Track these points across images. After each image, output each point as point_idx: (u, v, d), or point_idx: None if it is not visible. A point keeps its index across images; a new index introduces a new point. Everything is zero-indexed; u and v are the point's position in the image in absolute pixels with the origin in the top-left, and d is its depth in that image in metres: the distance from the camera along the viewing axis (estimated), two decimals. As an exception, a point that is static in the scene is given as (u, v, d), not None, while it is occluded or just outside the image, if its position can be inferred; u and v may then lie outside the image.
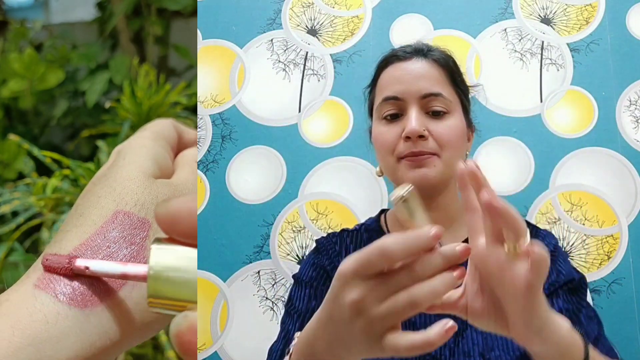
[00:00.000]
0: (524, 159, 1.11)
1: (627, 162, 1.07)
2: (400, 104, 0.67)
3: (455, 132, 0.68)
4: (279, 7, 1.26)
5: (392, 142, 0.67)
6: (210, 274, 1.13)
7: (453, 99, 0.69)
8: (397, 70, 0.70)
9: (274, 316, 1.10)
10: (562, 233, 1.07)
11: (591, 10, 1.16)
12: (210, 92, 1.24)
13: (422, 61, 0.69)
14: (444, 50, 0.73)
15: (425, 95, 0.67)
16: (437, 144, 0.66)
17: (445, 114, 0.67)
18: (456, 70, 0.72)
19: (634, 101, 1.10)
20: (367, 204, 1.13)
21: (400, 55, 0.71)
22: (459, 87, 0.71)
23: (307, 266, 0.74)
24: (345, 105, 1.18)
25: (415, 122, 0.65)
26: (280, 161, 1.17)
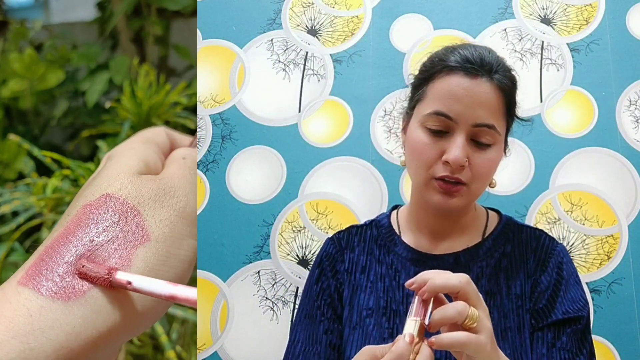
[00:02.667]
0: (524, 159, 1.11)
1: (627, 162, 1.07)
2: (450, 123, 0.64)
3: (494, 165, 0.67)
4: (279, 7, 1.26)
5: (430, 159, 0.65)
6: (210, 274, 1.13)
7: (502, 131, 0.66)
8: (460, 86, 0.64)
9: (274, 316, 1.10)
10: (562, 233, 1.07)
11: (591, 10, 1.16)
12: (210, 92, 1.24)
13: (487, 84, 0.64)
14: (509, 71, 0.68)
15: (478, 125, 0.64)
16: (472, 174, 0.64)
17: (490, 146, 0.65)
18: (513, 100, 0.68)
19: (634, 101, 1.10)
20: (367, 204, 1.13)
21: (467, 68, 0.65)
22: (511, 115, 0.69)
23: (309, 298, 0.74)
24: (345, 105, 1.19)
25: (460, 152, 0.63)
26: (280, 161, 1.17)
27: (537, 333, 0.65)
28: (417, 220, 0.73)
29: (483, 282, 0.67)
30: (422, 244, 0.71)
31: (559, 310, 0.65)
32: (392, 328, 0.67)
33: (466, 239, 0.71)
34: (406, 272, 0.70)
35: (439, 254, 0.70)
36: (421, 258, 0.70)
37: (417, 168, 0.67)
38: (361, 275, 0.72)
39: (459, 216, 0.70)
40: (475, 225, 0.72)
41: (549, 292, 0.66)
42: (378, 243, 0.74)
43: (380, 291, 0.70)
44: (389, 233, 0.74)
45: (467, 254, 0.70)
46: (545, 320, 0.65)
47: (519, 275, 0.68)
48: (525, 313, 0.65)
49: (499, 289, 0.67)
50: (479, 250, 0.70)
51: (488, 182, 0.68)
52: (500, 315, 0.66)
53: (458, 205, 0.65)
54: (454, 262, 0.69)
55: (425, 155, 0.65)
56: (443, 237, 0.71)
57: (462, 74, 0.65)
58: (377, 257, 0.72)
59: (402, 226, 0.74)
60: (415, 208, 0.73)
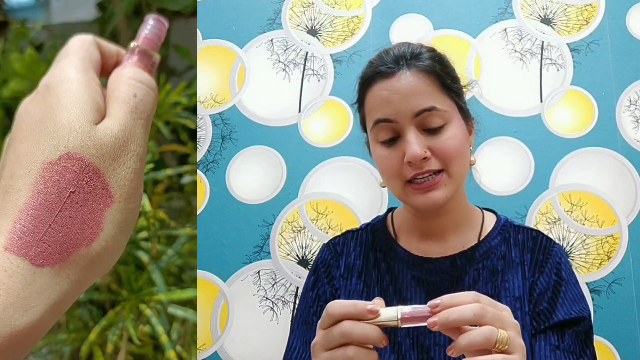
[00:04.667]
0: (524, 159, 1.11)
1: (627, 162, 1.07)
2: (395, 126, 0.64)
3: (457, 142, 0.65)
4: (279, 7, 1.26)
5: (395, 167, 0.64)
6: (210, 274, 1.13)
7: (448, 107, 0.65)
8: (382, 89, 0.65)
9: (274, 316, 1.11)
10: (562, 233, 1.07)
11: (591, 10, 1.16)
12: (210, 92, 1.24)
13: (407, 74, 0.65)
14: (429, 50, 0.68)
15: (418, 113, 0.63)
16: (441, 161, 0.63)
17: (442, 126, 0.64)
18: (444, 74, 0.67)
19: (634, 101, 1.10)
20: (367, 204, 1.13)
21: (384, 70, 0.66)
22: (451, 90, 0.67)
23: (305, 305, 0.73)
24: (345, 105, 1.19)
25: (415, 147, 0.62)
26: (280, 161, 1.17)
27: (539, 335, 0.64)
28: (411, 221, 0.72)
29: (480, 285, 0.67)
30: (419, 248, 0.71)
31: (560, 312, 0.64)
32: (389, 333, 0.66)
33: (462, 241, 0.70)
34: (403, 276, 0.69)
35: (436, 257, 0.69)
36: (418, 262, 0.70)
37: (390, 181, 0.67)
38: (357, 281, 0.71)
39: (449, 208, 0.68)
40: (471, 225, 0.71)
41: (549, 293, 0.66)
42: (374, 248, 0.73)
43: (377, 296, 0.70)
44: (385, 237, 0.73)
45: (464, 256, 0.69)
46: (547, 322, 0.64)
47: (517, 277, 0.67)
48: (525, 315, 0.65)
49: (496, 292, 0.67)
50: (475, 252, 0.69)
51: (463, 161, 0.66)
52: None
53: (443, 195, 0.63)
54: (451, 265, 0.68)
55: (389, 167, 0.65)
56: (439, 238, 0.70)
57: (380, 79, 0.66)
58: (372, 262, 0.72)
59: (398, 229, 0.73)
60: (408, 212, 0.73)
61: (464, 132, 0.67)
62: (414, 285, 0.69)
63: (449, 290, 0.67)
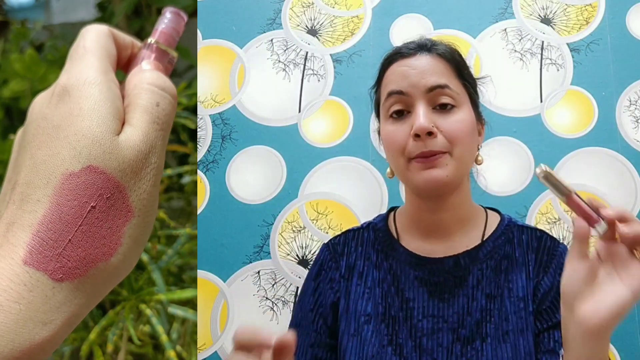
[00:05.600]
0: (524, 159, 1.11)
1: (627, 162, 1.07)
2: (406, 99, 0.65)
3: (465, 126, 0.65)
4: (279, 7, 1.26)
5: (401, 142, 0.65)
6: (210, 274, 1.13)
7: (460, 92, 0.67)
8: (401, 66, 0.68)
9: (274, 316, 1.11)
10: (562, 233, 1.07)
11: (591, 10, 1.16)
12: (210, 92, 1.24)
13: (427, 56, 0.67)
14: (448, 44, 0.71)
15: (431, 89, 0.65)
16: (447, 141, 0.64)
17: (453, 108, 0.65)
18: (462, 63, 0.70)
19: (634, 101, 1.10)
20: (367, 203, 1.13)
21: (404, 51, 0.69)
22: (466, 80, 0.69)
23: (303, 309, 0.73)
24: (345, 105, 1.19)
25: (423, 119, 0.63)
26: (280, 161, 1.17)
27: (543, 334, 0.64)
28: (414, 219, 0.72)
29: (483, 285, 0.67)
30: (421, 247, 0.70)
31: None
32: (391, 335, 0.66)
33: (466, 240, 0.70)
34: (405, 277, 0.69)
35: (439, 257, 0.69)
36: (420, 262, 0.69)
37: (394, 157, 0.67)
38: (358, 281, 0.71)
39: (453, 203, 0.68)
40: (475, 224, 0.71)
41: (552, 293, 0.65)
42: (375, 247, 0.73)
43: (379, 297, 0.69)
44: (387, 237, 0.73)
45: (467, 256, 0.69)
46: (551, 321, 0.64)
47: (521, 277, 0.67)
48: (529, 315, 0.65)
49: (500, 292, 0.66)
50: (479, 252, 0.69)
51: (469, 147, 0.66)
52: (502, 318, 0.65)
53: (444, 174, 0.63)
54: (454, 265, 0.68)
55: (396, 140, 0.66)
56: (442, 237, 0.70)
57: (400, 58, 0.69)
58: (374, 262, 0.71)
59: (400, 229, 0.73)
60: (411, 207, 0.72)
61: (473, 122, 0.68)
62: (417, 286, 0.68)
63: (452, 290, 0.67)
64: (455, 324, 0.65)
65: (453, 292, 0.67)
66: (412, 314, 0.67)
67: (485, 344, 0.63)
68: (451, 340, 0.65)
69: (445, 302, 0.67)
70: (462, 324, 0.65)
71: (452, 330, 0.65)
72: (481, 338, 0.64)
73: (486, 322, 0.65)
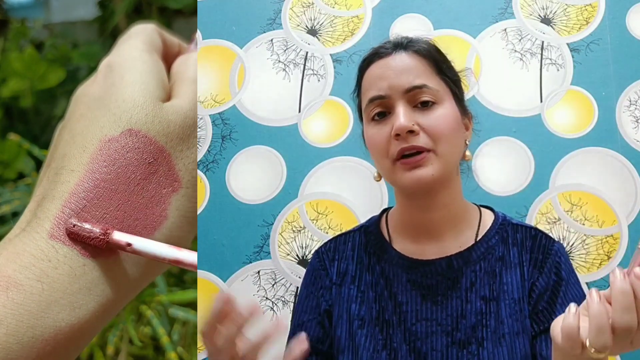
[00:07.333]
0: (524, 159, 1.11)
1: (627, 162, 1.07)
2: (386, 102, 0.65)
3: (447, 121, 0.64)
4: (279, 7, 1.26)
5: (383, 144, 0.64)
6: (210, 274, 1.13)
7: (441, 88, 0.65)
8: (378, 68, 0.67)
9: (274, 316, 1.11)
10: (562, 233, 1.07)
11: (591, 10, 1.16)
12: (210, 92, 1.24)
13: (403, 55, 0.66)
14: (425, 41, 0.70)
15: (409, 89, 0.64)
16: (429, 139, 0.63)
17: (434, 105, 0.64)
18: (441, 59, 0.68)
19: (634, 101, 1.10)
20: (367, 203, 1.13)
21: (381, 51, 0.68)
22: (446, 75, 0.68)
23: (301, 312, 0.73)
24: (345, 105, 1.19)
25: (403, 118, 0.62)
26: (280, 161, 1.17)
27: (540, 336, 0.63)
28: (405, 220, 0.70)
29: (477, 287, 0.66)
30: (413, 250, 0.69)
31: (560, 312, 0.63)
32: (385, 339, 0.66)
33: (459, 241, 0.68)
34: (398, 280, 0.68)
35: (431, 260, 0.68)
36: (413, 264, 0.68)
37: (379, 159, 0.66)
38: (351, 285, 0.70)
39: (444, 201, 0.67)
40: (468, 223, 0.69)
41: (548, 293, 0.65)
42: (367, 250, 0.72)
43: (372, 300, 0.68)
44: (378, 239, 0.72)
45: (460, 257, 0.67)
46: (547, 323, 0.63)
47: (516, 278, 0.66)
48: (525, 318, 0.64)
49: (495, 295, 0.65)
50: (472, 253, 0.67)
51: (453, 144, 0.65)
52: (498, 322, 0.64)
53: (429, 173, 0.62)
54: (447, 267, 0.67)
55: (378, 143, 0.65)
56: (435, 237, 0.68)
57: (377, 59, 0.68)
58: (366, 265, 0.70)
59: (392, 230, 0.72)
60: (401, 208, 0.71)
61: (457, 117, 0.66)
62: (410, 289, 0.67)
63: (445, 293, 0.66)
64: (449, 327, 0.64)
65: (446, 295, 0.66)
66: (406, 317, 0.66)
67: (481, 349, 0.62)
68: (446, 343, 0.64)
69: (439, 305, 0.66)
70: (456, 327, 0.64)
71: (447, 333, 0.64)
72: (477, 342, 0.63)
73: (482, 326, 0.64)
